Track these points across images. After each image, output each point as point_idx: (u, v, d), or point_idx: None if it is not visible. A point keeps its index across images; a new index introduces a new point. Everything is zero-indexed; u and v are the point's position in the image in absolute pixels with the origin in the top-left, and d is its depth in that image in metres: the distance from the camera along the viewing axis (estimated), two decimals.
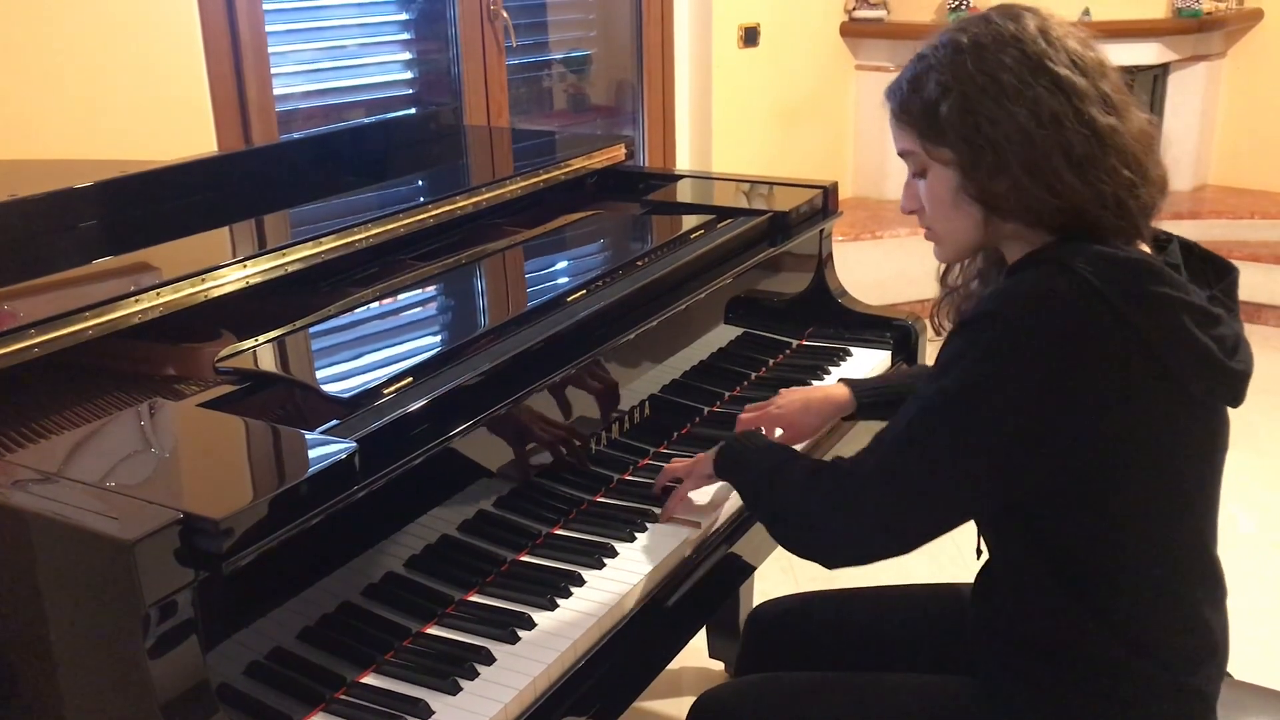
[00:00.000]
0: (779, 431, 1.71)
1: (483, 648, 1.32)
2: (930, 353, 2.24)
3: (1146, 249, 1.29)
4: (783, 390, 1.76)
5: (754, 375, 2.06)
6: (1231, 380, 1.24)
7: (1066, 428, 1.20)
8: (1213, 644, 1.32)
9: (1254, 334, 4.52)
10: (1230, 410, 1.29)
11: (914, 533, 1.27)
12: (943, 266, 1.44)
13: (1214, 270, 1.32)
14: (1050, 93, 1.22)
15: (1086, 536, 1.26)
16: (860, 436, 1.84)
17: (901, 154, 1.34)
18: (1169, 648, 1.29)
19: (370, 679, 1.28)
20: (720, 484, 1.58)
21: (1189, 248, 1.33)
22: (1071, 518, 1.25)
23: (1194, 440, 1.27)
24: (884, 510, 1.27)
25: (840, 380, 1.74)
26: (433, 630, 1.37)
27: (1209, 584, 1.33)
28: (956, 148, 1.26)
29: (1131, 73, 4.81)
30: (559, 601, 1.41)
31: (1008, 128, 1.22)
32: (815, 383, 2.03)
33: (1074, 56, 1.24)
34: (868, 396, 1.71)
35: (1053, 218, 1.24)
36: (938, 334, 1.44)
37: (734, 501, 1.62)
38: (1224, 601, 1.35)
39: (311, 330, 1.55)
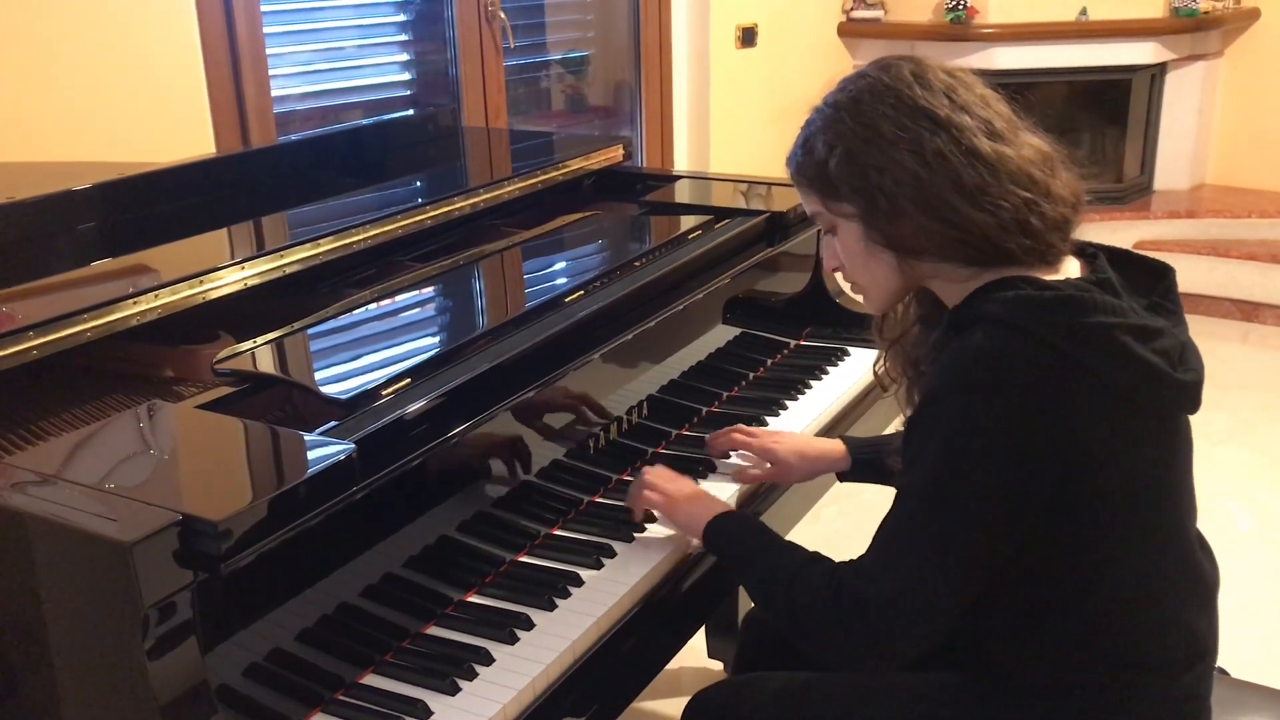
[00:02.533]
0: (767, 465, 1.71)
1: (482, 648, 1.32)
2: None
3: (1074, 264, 1.30)
4: (778, 431, 1.76)
5: (752, 375, 2.07)
6: (1182, 391, 1.25)
7: (1047, 471, 1.21)
8: (1199, 645, 1.33)
9: (1251, 333, 4.52)
10: (1227, 409, 1.29)
11: (937, 621, 1.25)
12: (880, 319, 1.46)
13: (1150, 274, 1.33)
14: (931, 132, 1.25)
15: (1063, 555, 1.27)
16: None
17: (810, 215, 1.38)
18: (1154, 653, 1.30)
19: (369, 679, 1.28)
20: None
21: (1119, 257, 1.34)
22: (1049, 540, 1.25)
23: (1157, 451, 1.28)
24: (906, 609, 1.23)
25: (840, 438, 1.73)
26: (432, 631, 1.37)
27: (1191, 585, 1.33)
28: (853, 200, 1.29)
29: (1129, 72, 4.82)
30: (558, 602, 1.41)
31: (896, 172, 1.25)
32: (814, 382, 2.04)
33: (951, 95, 1.27)
34: (864, 454, 1.68)
35: (961, 250, 1.27)
36: (884, 389, 1.45)
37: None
38: (1212, 601, 1.35)
39: (310, 332, 1.56)
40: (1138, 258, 1.35)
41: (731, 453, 1.76)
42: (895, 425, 1.90)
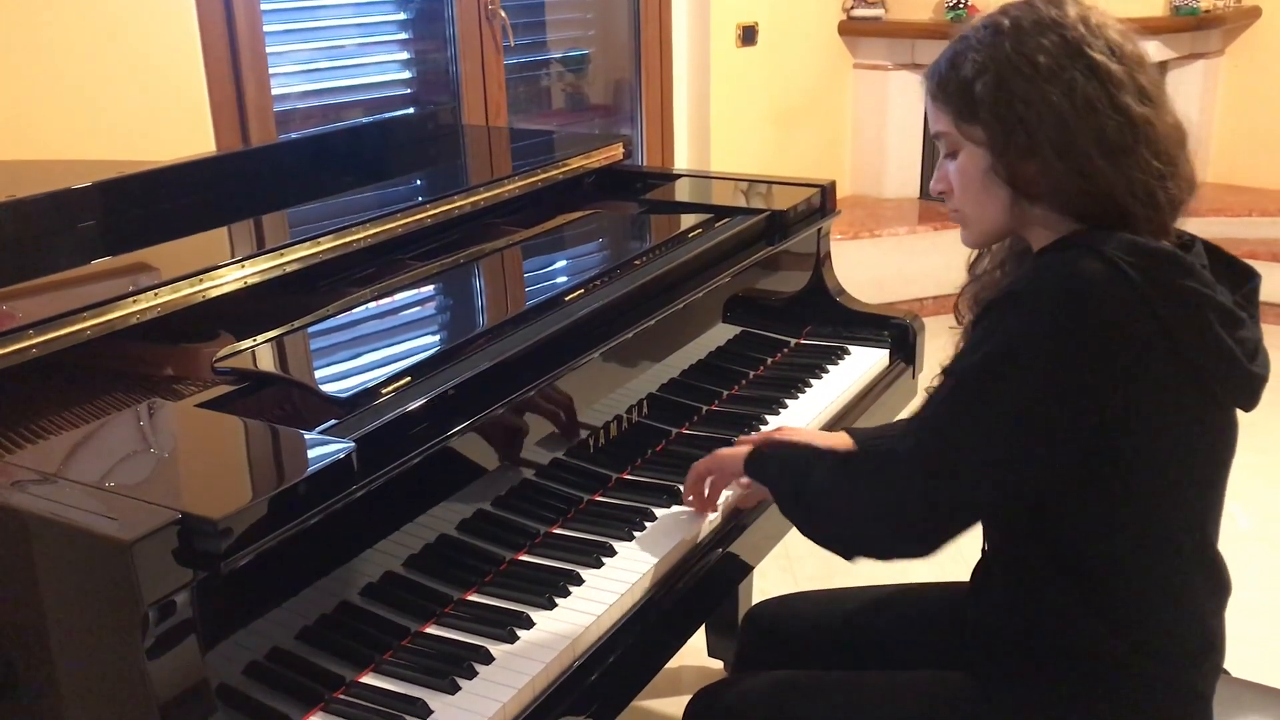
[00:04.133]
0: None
1: (481, 647, 1.32)
2: (929, 351, 2.25)
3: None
4: (784, 426, 1.77)
5: (752, 374, 2.07)
6: (1251, 384, 1.25)
7: (1089, 407, 1.20)
8: (1211, 641, 1.33)
9: None
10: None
11: (947, 516, 1.25)
12: (972, 255, 1.44)
13: (1236, 275, 1.32)
14: (1086, 77, 1.22)
15: (1092, 530, 1.26)
16: None
17: (935, 136, 1.35)
18: (1168, 644, 1.29)
19: (369, 679, 1.28)
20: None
21: (1212, 251, 1.33)
22: (1080, 510, 1.25)
23: (1206, 439, 1.28)
24: (921, 489, 1.25)
25: (845, 430, 1.72)
26: (431, 630, 1.37)
27: (1211, 583, 1.33)
28: (989, 127, 1.26)
29: None
30: (558, 601, 1.41)
31: (1041, 108, 1.22)
32: (814, 381, 2.03)
33: (1112, 45, 1.25)
34: (869, 445, 1.67)
35: (1081, 203, 1.24)
36: (959, 321, 1.44)
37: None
38: (1225, 600, 1.35)
39: (310, 330, 1.55)
40: (1229, 257, 1.33)
41: None
42: (902, 418, 1.90)
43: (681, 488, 1.63)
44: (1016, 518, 1.31)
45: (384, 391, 1.36)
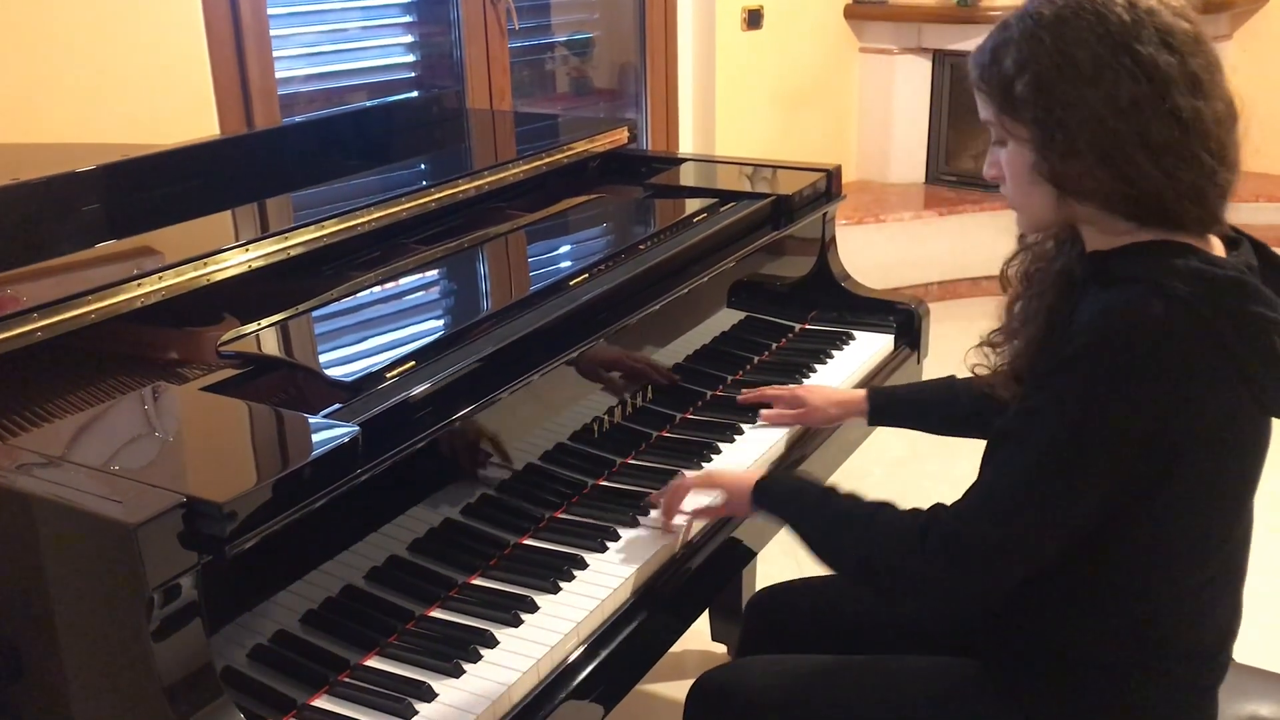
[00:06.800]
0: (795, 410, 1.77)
1: (486, 630, 1.32)
2: (934, 337, 2.24)
3: (1217, 242, 1.26)
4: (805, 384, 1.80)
5: (757, 359, 2.06)
6: None
7: (1166, 456, 1.18)
8: (1224, 639, 1.33)
9: None
10: None
11: (1019, 573, 1.25)
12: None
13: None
14: (1131, 76, 1.16)
15: (1127, 533, 1.24)
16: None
17: (984, 122, 1.30)
18: (1181, 641, 1.29)
19: (373, 661, 1.29)
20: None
21: (1261, 249, 1.30)
22: (1119, 526, 1.23)
23: (1247, 445, 1.26)
24: (997, 556, 1.23)
25: (865, 388, 1.79)
26: (436, 613, 1.37)
27: (1234, 581, 1.33)
28: (1030, 127, 1.22)
29: None
30: (562, 585, 1.41)
31: (1082, 113, 1.17)
32: (819, 366, 2.03)
33: (1163, 32, 1.17)
34: (881, 400, 1.74)
35: (1125, 205, 1.20)
36: (1003, 290, 1.40)
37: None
38: (1240, 594, 1.35)
39: (314, 314, 1.55)
40: (1272, 254, 1.30)
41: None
42: None
43: (686, 473, 1.63)
44: None
45: (388, 376, 1.36)
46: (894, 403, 1.76)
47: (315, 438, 1.18)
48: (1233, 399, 1.19)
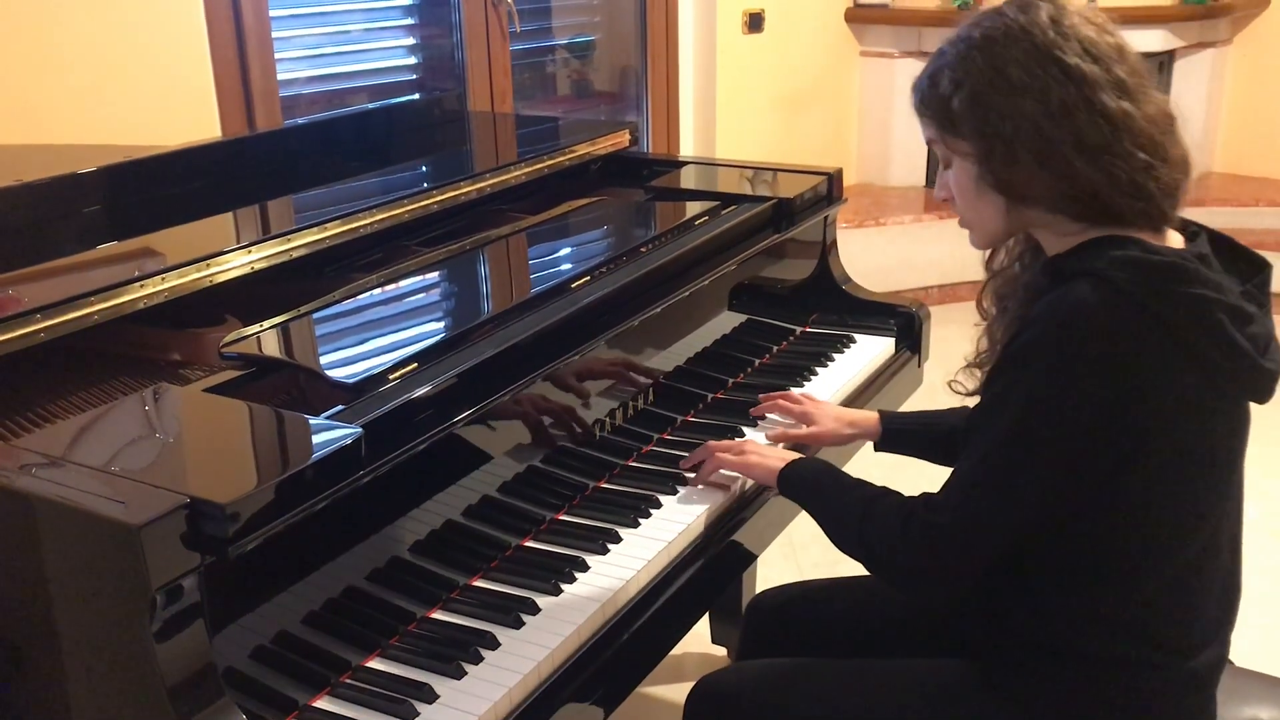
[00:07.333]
0: (803, 428, 1.76)
1: (487, 632, 1.32)
2: (935, 340, 2.25)
3: (1176, 236, 1.30)
4: (817, 400, 1.81)
5: (758, 362, 2.07)
6: (1263, 379, 1.26)
7: (1121, 439, 1.22)
8: (1216, 633, 1.33)
9: None
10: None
11: (987, 557, 1.30)
12: (987, 252, 1.45)
13: (1246, 265, 1.32)
14: (1060, 83, 1.23)
15: (1107, 527, 1.27)
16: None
17: (929, 144, 1.37)
18: (1172, 636, 1.30)
19: (375, 663, 1.29)
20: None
21: (1219, 240, 1.33)
22: (1096, 510, 1.26)
23: (1220, 435, 1.28)
24: (962, 540, 1.29)
25: (877, 410, 1.78)
26: (437, 615, 1.37)
27: (1223, 576, 1.33)
28: (971, 140, 1.29)
29: None
30: (563, 587, 1.41)
31: (1017, 121, 1.24)
32: (820, 369, 2.03)
33: (1086, 44, 1.25)
34: (894, 425, 1.74)
35: (1071, 204, 1.26)
36: (983, 318, 1.46)
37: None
38: (1236, 594, 1.36)
39: (316, 316, 1.56)
40: (1238, 247, 1.34)
41: (770, 415, 1.83)
42: (906, 406, 1.90)
43: (689, 475, 1.64)
44: None
45: (390, 377, 1.36)
46: (906, 431, 1.74)
47: (317, 439, 1.18)
48: (1189, 381, 1.22)
